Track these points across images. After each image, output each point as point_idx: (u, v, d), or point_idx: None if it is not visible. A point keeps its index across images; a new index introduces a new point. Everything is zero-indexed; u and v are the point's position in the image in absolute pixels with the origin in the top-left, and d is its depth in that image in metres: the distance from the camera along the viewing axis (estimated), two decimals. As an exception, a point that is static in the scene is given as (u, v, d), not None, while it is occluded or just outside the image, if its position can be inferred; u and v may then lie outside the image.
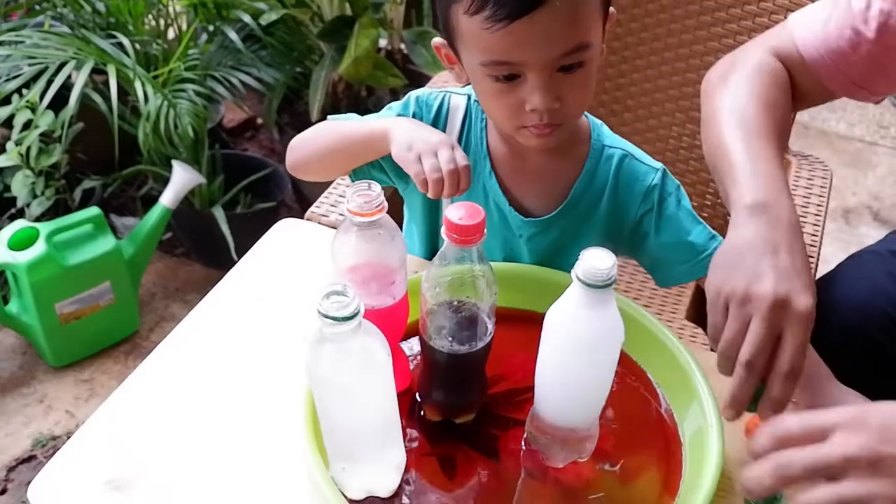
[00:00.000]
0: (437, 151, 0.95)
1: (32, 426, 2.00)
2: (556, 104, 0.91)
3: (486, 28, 0.87)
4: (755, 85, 1.03)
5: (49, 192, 2.08)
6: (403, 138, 0.98)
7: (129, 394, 0.96)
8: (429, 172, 0.94)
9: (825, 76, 1.05)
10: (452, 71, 1.02)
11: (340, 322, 0.67)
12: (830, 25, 1.04)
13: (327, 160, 1.13)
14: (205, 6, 2.30)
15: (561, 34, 0.87)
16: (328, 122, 1.12)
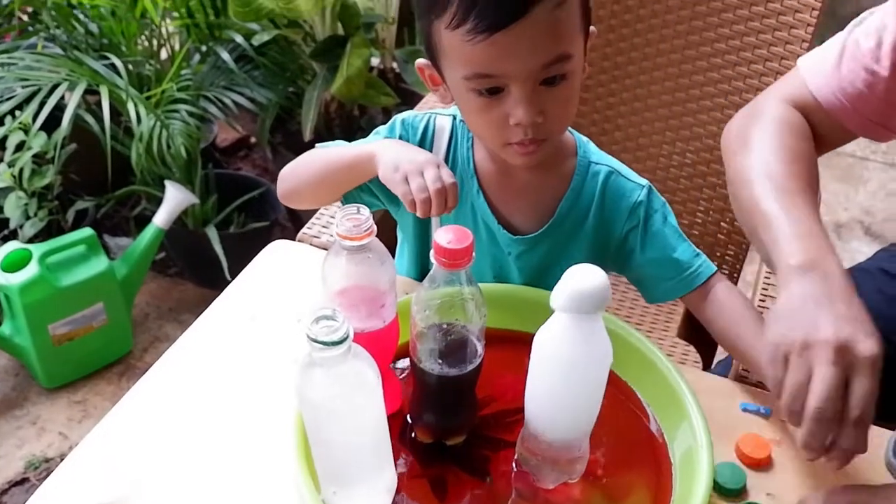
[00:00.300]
0: (423, 170, 0.96)
1: (25, 448, 1.99)
2: (540, 118, 0.92)
3: (467, 41, 0.87)
4: (778, 139, 1.03)
5: (42, 213, 2.09)
6: (390, 159, 0.99)
7: (123, 416, 0.96)
8: (416, 192, 0.95)
9: (844, 118, 1.06)
10: (436, 92, 1.03)
11: (330, 346, 0.67)
12: (843, 67, 1.04)
13: (316, 188, 1.12)
14: (197, 27, 2.31)
15: (542, 45, 0.88)
16: (315, 151, 1.12)
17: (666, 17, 1.46)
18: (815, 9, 1.33)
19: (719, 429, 0.91)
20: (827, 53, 1.08)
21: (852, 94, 1.04)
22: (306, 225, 1.34)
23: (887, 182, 3.09)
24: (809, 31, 1.34)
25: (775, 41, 1.38)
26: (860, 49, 1.03)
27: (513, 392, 0.94)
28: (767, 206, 0.93)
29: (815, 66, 1.08)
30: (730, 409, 0.98)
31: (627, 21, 1.51)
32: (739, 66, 1.44)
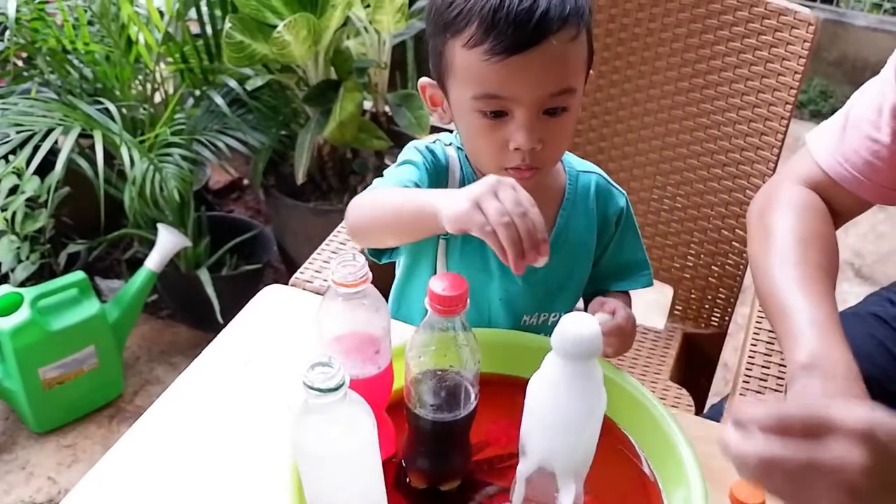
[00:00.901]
0: (497, 191, 0.82)
1: (14, 494, 1.97)
2: (539, 145, 0.96)
3: (484, 60, 0.92)
4: (795, 224, 1.06)
5: (34, 256, 2.09)
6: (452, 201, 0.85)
7: (114, 463, 0.96)
8: (494, 217, 0.80)
9: (857, 188, 1.08)
10: (435, 112, 1.06)
11: (326, 393, 0.68)
12: (847, 138, 1.07)
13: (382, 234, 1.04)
14: (191, 71, 2.33)
15: (552, 74, 0.93)
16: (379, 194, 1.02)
17: (658, 49, 1.49)
18: (807, 40, 1.35)
19: (713, 474, 0.91)
20: (831, 126, 1.11)
21: (860, 163, 1.06)
22: (299, 270, 1.34)
23: (877, 224, 3.11)
24: (801, 62, 1.35)
25: (767, 73, 1.40)
26: (862, 118, 1.06)
27: (507, 437, 0.94)
28: (782, 298, 0.97)
29: (822, 141, 1.11)
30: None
31: (620, 54, 1.53)
32: (732, 97, 1.45)
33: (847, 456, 0.66)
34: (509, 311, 1.13)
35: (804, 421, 0.68)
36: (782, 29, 1.36)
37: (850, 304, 1.42)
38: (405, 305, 1.20)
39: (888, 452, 0.67)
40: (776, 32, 1.37)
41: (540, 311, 1.15)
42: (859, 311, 1.36)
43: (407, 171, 1.05)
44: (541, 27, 0.90)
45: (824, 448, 0.67)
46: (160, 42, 2.20)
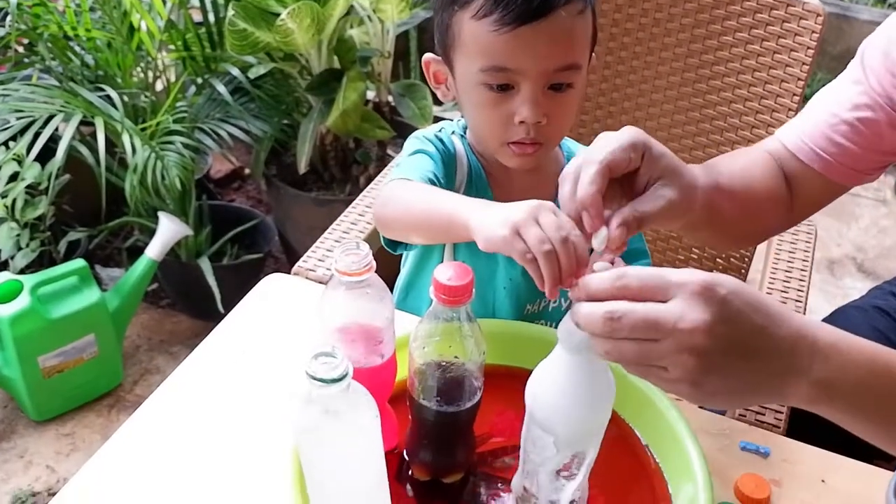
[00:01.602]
0: (537, 217, 0.78)
1: (12, 482, 1.97)
2: (544, 119, 0.97)
3: (492, 31, 0.93)
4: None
5: (34, 244, 2.08)
6: (489, 221, 0.82)
7: (113, 452, 0.95)
8: (535, 244, 0.76)
9: (822, 167, 1.07)
10: (438, 90, 1.07)
11: (329, 384, 0.66)
12: (812, 121, 1.07)
13: (410, 232, 1.03)
14: (193, 59, 2.31)
15: (559, 47, 0.94)
16: (409, 191, 1.00)
17: (665, 39, 1.47)
18: (815, 31, 1.34)
19: (718, 468, 0.90)
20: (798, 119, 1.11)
21: (823, 142, 1.06)
22: (301, 258, 1.33)
23: (879, 219, 3.10)
24: (810, 53, 1.34)
25: (775, 64, 1.39)
26: (828, 101, 1.07)
27: (511, 429, 0.93)
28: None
29: (790, 131, 1.10)
30: (729, 448, 0.97)
31: (623, 59, 1.52)
32: (739, 88, 1.44)
33: (687, 312, 0.65)
34: (513, 299, 1.13)
35: (642, 280, 0.68)
36: (790, 20, 1.35)
37: (853, 298, 1.41)
38: (414, 296, 1.20)
39: (729, 308, 0.66)
40: (784, 23, 1.36)
41: (541, 298, 1.14)
42: (863, 305, 1.36)
43: (425, 163, 1.05)
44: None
45: (665, 306, 0.66)
46: (162, 29, 2.19)
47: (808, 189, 1.08)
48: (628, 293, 0.68)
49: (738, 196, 1.01)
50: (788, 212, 1.10)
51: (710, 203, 0.93)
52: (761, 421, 1.08)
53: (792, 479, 0.94)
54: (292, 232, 2.55)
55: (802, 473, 0.95)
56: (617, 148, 0.79)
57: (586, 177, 0.78)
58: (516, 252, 0.77)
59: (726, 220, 1.01)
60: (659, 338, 0.66)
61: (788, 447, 0.98)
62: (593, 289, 0.70)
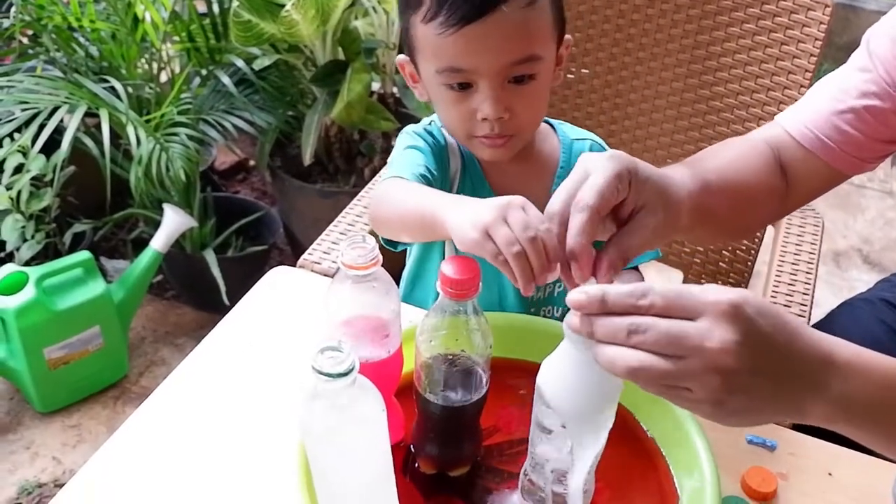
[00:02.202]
0: (506, 216, 0.78)
1: (18, 473, 1.97)
2: (506, 114, 0.97)
3: (440, 33, 0.93)
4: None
5: (39, 235, 2.08)
6: (461, 221, 0.82)
7: (119, 445, 0.95)
8: (504, 246, 0.76)
9: (825, 153, 1.06)
10: (416, 89, 1.07)
11: (335, 378, 0.66)
12: (814, 107, 1.07)
13: (398, 231, 1.03)
14: (198, 51, 2.31)
15: (512, 42, 0.94)
16: (398, 189, 1.00)
17: (671, 31, 1.47)
18: (823, 22, 1.33)
19: (725, 461, 0.90)
20: (800, 105, 1.10)
21: (826, 128, 1.05)
22: (307, 251, 1.33)
23: (885, 210, 3.09)
24: (812, 60, 1.34)
25: (783, 55, 1.38)
26: (832, 87, 1.07)
27: (517, 422, 0.93)
28: None
29: (792, 116, 1.09)
30: (736, 441, 0.97)
31: (629, 49, 1.51)
32: (746, 80, 1.44)
33: (715, 331, 0.64)
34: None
35: (668, 299, 0.66)
36: (798, 10, 1.34)
37: (859, 291, 1.41)
38: (420, 289, 1.20)
39: (755, 328, 0.65)
40: (792, 14, 1.35)
41: (547, 284, 1.13)
42: (870, 297, 1.35)
43: (417, 158, 1.05)
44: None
45: (691, 323, 0.65)
46: (167, 20, 2.18)
47: (808, 176, 1.08)
48: (651, 310, 0.66)
49: (729, 192, 1.00)
50: (783, 201, 1.09)
51: (699, 206, 0.91)
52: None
53: (799, 473, 0.93)
54: (297, 224, 2.55)
55: (809, 467, 0.94)
56: (605, 187, 0.76)
57: (576, 225, 0.76)
58: (488, 254, 0.78)
59: (718, 217, 1.00)
60: (684, 355, 0.64)
61: (795, 440, 0.97)
62: (613, 300, 0.67)
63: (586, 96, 1.58)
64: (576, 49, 1.54)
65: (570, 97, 1.59)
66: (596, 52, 1.53)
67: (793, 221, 1.45)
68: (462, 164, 1.11)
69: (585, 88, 1.57)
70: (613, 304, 0.67)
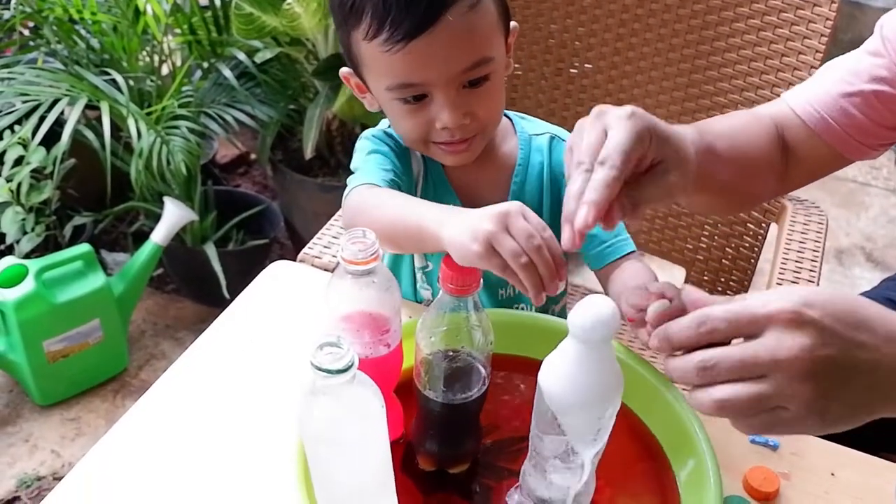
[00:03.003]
0: (507, 225, 0.77)
1: (17, 466, 1.97)
2: (466, 119, 0.95)
3: (385, 51, 0.90)
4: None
5: (39, 228, 2.07)
6: (460, 233, 0.80)
7: (118, 438, 0.94)
8: (511, 259, 0.76)
9: (830, 138, 1.05)
10: (364, 99, 1.05)
11: (334, 374, 0.65)
12: (822, 87, 1.06)
13: (384, 243, 0.95)
14: (199, 43, 2.30)
15: (460, 50, 0.91)
16: (380, 198, 0.99)
17: (676, 26, 1.45)
18: (824, 35, 1.32)
19: (727, 460, 0.89)
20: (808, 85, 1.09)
21: (834, 109, 1.04)
22: (307, 245, 1.32)
23: (889, 208, 3.08)
24: (818, 56, 1.33)
25: (787, 51, 1.37)
26: (840, 69, 1.06)
27: (517, 420, 0.92)
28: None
29: (799, 95, 1.08)
30: (738, 440, 0.96)
31: (633, 45, 1.50)
32: (750, 76, 1.42)
33: (784, 341, 0.63)
34: (486, 285, 1.11)
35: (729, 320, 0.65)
36: (804, 6, 1.33)
37: (862, 289, 1.40)
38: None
39: (824, 328, 0.63)
40: (797, 10, 1.34)
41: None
42: (875, 296, 1.34)
43: (383, 163, 1.04)
44: (433, 5, 0.88)
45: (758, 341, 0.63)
46: (168, 13, 2.17)
47: (810, 156, 1.07)
48: (717, 336, 0.65)
49: (733, 158, 0.99)
50: (780, 179, 1.08)
51: (703, 168, 0.89)
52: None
53: (801, 473, 0.93)
54: (298, 218, 2.54)
55: (812, 466, 0.93)
56: (629, 148, 0.74)
57: (601, 178, 0.74)
58: (495, 267, 0.77)
59: (720, 183, 0.98)
60: (764, 374, 0.63)
61: (798, 440, 0.97)
62: (678, 340, 0.67)
63: (589, 91, 1.57)
64: (578, 43, 1.53)
65: (572, 92, 1.58)
66: (599, 47, 1.52)
67: (797, 219, 1.44)
68: (424, 167, 1.09)
69: (588, 83, 1.56)
70: (678, 340, 0.67)
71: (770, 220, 1.49)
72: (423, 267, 1.14)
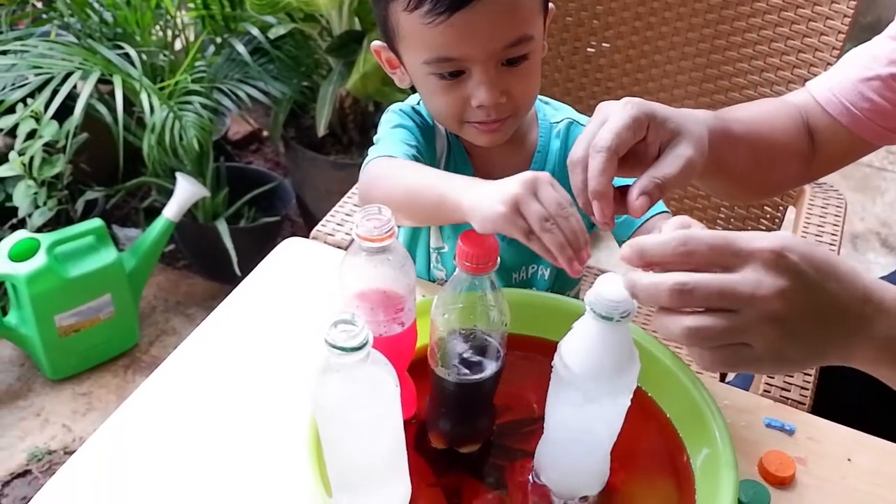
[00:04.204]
0: (536, 191, 0.76)
1: (28, 440, 1.97)
2: (503, 98, 0.94)
3: (426, 23, 0.88)
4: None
5: (51, 202, 2.07)
6: (481, 199, 0.79)
7: (129, 414, 0.94)
8: (537, 223, 0.75)
9: (851, 124, 1.04)
10: (394, 75, 1.04)
11: (348, 352, 0.65)
12: (844, 74, 1.04)
13: (396, 212, 0.99)
14: (213, 18, 2.29)
15: (502, 26, 0.90)
16: (398, 169, 0.97)
17: (695, 5, 1.43)
18: (847, 15, 1.30)
19: (742, 445, 0.89)
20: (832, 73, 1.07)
21: (854, 96, 1.03)
22: (320, 223, 1.32)
23: (904, 194, 3.06)
24: (840, 38, 1.31)
25: (809, 32, 1.35)
26: (863, 56, 1.04)
27: (532, 400, 0.92)
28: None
29: (823, 84, 1.07)
30: (753, 424, 0.95)
31: (652, 24, 1.48)
32: (771, 57, 1.40)
33: (764, 280, 0.63)
34: (500, 268, 1.10)
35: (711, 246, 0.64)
36: (828, -14, 1.31)
37: (877, 274, 1.38)
38: None
39: (801, 274, 0.64)
40: (822, -11, 1.32)
41: (527, 265, 1.13)
42: (891, 280, 1.33)
43: (407, 137, 1.03)
44: None
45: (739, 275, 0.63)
46: (182, -13, 2.16)
47: (833, 144, 1.05)
48: (693, 260, 0.64)
49: (753, 144, 0.98)
50: (807, 166, 1.07)
51: (719, 151, 0.89)
52: (786, 397, 1.06)
53: (817, 458, 0.92)
54: (310, 195, 2.54)
55: (828, 452, 0.92)
56: (621, 128, 0.78)
57: (595, 166, 0.77)
58: (518, 230, 0.76)
59: (737, 168, 0.97)
60: (737, 309, 0.63)
61: (814, 425, 0.96)
62: (652, 255, 0.66)
63: (606, 71, 1.55)
64: (596, 22, 1.51)
65: (589, 71, 1.56)
66: (617, 26, 1.50)
67: (815, 202, 1.43)
68: (448, 147, 1.08)
69: (605, 63, 1.54)
70: (653, 254, 0.66)
71: (788, 203, 1.48)
72: (438, 248, 1.13)
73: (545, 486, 0.86)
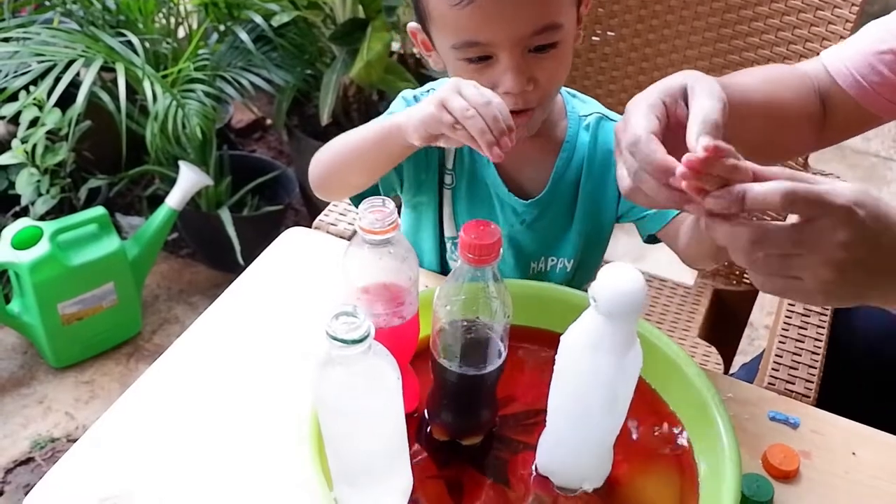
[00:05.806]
0: (459, 90, 0.83)
1: (31, 428, 1.98)
2: (530, 86, 0.92)
3: (454, 5, 0.88)
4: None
5: (54, 190, 2.06)
6: (415, 112, 0.88)
7: (132, 402, 0.94)
8: (459, 112, 0.82)
9: (860, 97, 1.02)
10: (430, 58, 1.02)
11: (350, 345, 0.64)
12: (856, 47, 1.03)
13: (349, 172, 1.03)
14: (216, 6, 2.27)
15: (530, 12, 0.89)
16: (342, 136, 1.03)
17: (698, 8, 1.42)
18: (856, 4, 1.29)
19: (746, 438, 0.88)
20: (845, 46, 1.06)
21: (865, 69, 1.02)
22: (323, 212, 1.31)
23: (913, 183, 3.04)
24: (848, 27, 1.29)
25: (811, 37, 1.34)
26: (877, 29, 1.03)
27: (534, 393, 0.91)
28: None
29: (834, 55, 1.06)
30: (758, 417, 0.94)
31: (657, 13, 1.47)
32: (777, 46, 1.39)
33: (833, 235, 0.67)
34: (517, 255, 1.10)
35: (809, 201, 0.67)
36: (836, -27, 1.30)
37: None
38: None
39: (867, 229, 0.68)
40: (830, -24, 1.31)
41: (546, 256, 1.12)
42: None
43: None
44: None
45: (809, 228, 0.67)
46: (185, -26, 2.15)
47: (840, 114, 1.05)
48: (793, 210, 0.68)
49: (766, 103, 0.98)
50: (820, 131, 1.06)
51: (730, 106, 0.87)
52: (791, 391, 1.05)
53: (822, 451, 0.91)
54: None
55: (832, 445, 0.92)
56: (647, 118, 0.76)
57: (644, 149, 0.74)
58: (445, 124, 0.83)
59: (750, 127, 0.93)
60: (802, 253, 0.68)
61: (819, 418, 0.95)
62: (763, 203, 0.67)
63: (611, 60, 1.54)
64: (602, 10, 1.50)
65: (594, 60, 1.55)
66: (623, 14, 1.49)
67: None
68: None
69: (611, 52, 1.53)
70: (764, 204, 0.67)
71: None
72: (452, 238, 1.12)
73: (547, 478, 0.85)
